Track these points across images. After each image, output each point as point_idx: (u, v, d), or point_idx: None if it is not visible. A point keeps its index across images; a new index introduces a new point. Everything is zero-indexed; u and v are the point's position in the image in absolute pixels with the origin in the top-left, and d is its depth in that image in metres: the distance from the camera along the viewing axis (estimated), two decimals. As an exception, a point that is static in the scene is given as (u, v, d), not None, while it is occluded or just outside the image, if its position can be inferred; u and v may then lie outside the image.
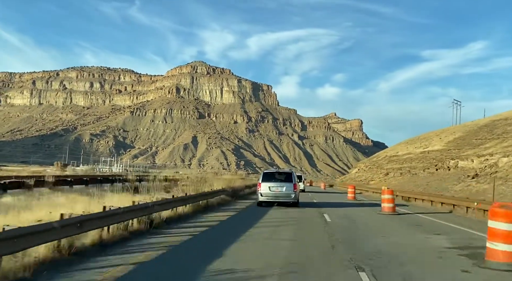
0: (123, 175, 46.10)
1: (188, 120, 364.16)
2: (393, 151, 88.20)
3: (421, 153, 76.77)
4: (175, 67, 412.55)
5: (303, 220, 15.79)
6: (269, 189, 21.02)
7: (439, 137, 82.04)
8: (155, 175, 34.71)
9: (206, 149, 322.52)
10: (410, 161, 74.71)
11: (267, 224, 14.31)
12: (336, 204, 27.34)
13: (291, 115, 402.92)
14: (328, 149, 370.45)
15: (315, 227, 13.72)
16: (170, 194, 17.54)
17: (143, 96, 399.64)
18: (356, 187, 41.44)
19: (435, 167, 68.79)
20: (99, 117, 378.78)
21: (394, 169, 75.10)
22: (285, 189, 20.95)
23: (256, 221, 15.16)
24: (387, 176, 73.67)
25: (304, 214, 18.25)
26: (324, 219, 16.41)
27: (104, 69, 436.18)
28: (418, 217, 19.72)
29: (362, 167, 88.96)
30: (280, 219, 16.26)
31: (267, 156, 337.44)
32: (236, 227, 13.50)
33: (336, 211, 20.40)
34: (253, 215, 17.97)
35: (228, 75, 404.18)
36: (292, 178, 21.59)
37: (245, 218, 17.16)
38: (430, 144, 79.26)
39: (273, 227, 13.19)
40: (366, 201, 34.03)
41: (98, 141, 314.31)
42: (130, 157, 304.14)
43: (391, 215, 19.78)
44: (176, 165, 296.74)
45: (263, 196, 21.29)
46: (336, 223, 15.12)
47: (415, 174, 70.30)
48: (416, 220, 18.12)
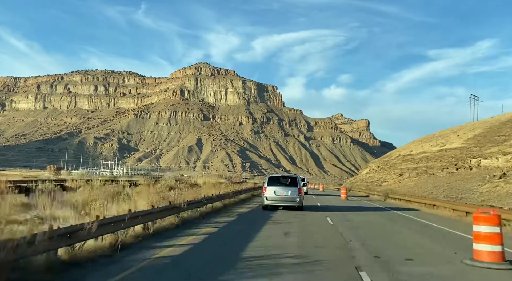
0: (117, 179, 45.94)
1: (193, 122, 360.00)
2: (407, 150, 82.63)
3: (438, 151, 71.15)
4: (179, 69, 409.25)
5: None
6: (275, 193, 21.18)
7: (456, 134, 76.34)
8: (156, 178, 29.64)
9: (211, 151, 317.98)
10: (426, 161, 69.11)
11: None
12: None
13: (297, 116, 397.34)
14: (335, 150, 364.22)
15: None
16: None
17: (147, 98, 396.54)
18: (368, 190, 38.86)
19: (455, 166, 63.17)
20: (104, 120, 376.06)
21: (409, 169, 69.54)
22: (290, 193, 21.09)
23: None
24: (401, 177, 68.14)
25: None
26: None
27: (108, 72, 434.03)
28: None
29: (373, 168, 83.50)
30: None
31: (273, 157, 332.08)
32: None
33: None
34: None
35: (232, 76, 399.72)
36: (297, 183, 21.67)
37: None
38: (448, 142, 73.60)
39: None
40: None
41: (102, 144, 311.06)
42: (134, 160, 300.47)
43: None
44: (180, 168, 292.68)
45: (268, 200, 21.44)
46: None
47: (432, 174, 64.71)
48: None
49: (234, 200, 27.76)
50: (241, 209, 23.35)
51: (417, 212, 25.04)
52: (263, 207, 22.03)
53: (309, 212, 21.73)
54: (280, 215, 19.66)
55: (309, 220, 17.77)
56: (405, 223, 18.22)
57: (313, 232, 13.88)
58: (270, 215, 19.26)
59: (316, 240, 11.71)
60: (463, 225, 17.42)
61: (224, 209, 22.22)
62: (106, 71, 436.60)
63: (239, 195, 29.91)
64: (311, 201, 31.79)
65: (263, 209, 21.88)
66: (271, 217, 18.57)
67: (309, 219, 18.16)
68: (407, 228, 16.49)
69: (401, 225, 17.57)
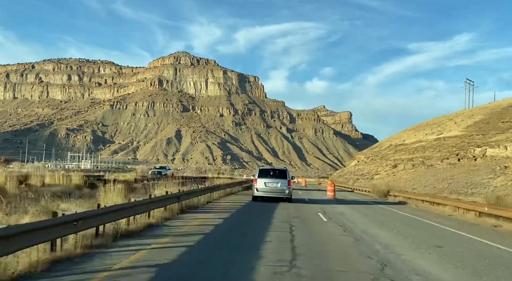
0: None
1: (172, 113, 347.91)
2: (398, 139, 75.27)
3: (435, 140, 63.81)
4: (157, 58, 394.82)
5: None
6: (265, 185, 21.79)
7: (453, 121, 69.18)
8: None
9: (190, 143, 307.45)
10: (422, 150, 61.65)
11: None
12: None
13: (279, 108, 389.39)
14: (317, 142, 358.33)
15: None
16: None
17: (124, 89, 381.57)
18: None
19: (457, 156, 55.71)
20: (78, 111, 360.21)
21: (404, 160, 62.00)
22: (280, 185, 21.77)
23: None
24: (395, 169, 60.52)
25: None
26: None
27: (83, 61, 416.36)
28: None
29: (362, 159, 75.88)
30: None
31: (254, 150, 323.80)
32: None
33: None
34: None
35: (213, 66, 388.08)
36: (287, 175, 22.24)
37: None
38: (445, 130, 66.34)
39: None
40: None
41: (75, 136, 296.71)
42: (109, 152, 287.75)
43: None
44: (158, 161, 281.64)
45: (258, 191, 21.98)
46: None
47: (430, 166, 57.18)
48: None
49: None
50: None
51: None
52: (253, 198, 22.40)
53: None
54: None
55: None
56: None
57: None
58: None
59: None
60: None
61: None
62: (81, 60, 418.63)
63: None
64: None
65: (252, 200, 22.18)
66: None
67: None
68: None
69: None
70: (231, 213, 16.97)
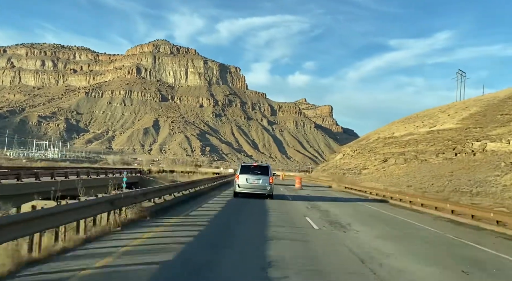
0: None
1: (150, 102, 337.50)
2: (387, 131, 70.58)
3: (428, 133, 59.20)
4: (136, 46, 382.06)
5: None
6: (246, 181, 21.48)
7: (446, 113, 64.77)
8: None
9: (168, 134, 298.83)
10: (415, 144, 56.90)
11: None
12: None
13: (261, 100, 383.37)
14: (298, 135, 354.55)
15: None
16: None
17: (100, 76, 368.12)
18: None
19: (453, 151, 51.11)
20: (51, 98, 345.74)
21: (394, 154, 57.17)
22: (262, 182, 21.46)
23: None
24: (386, 164, 55.63)
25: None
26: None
27: (58, 47, 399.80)
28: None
29: (348, 152, 70.91)
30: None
31: (234, 142, 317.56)
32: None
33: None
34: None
35: (193, 56, 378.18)
36: (269, 172, 21.91)
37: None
38: (438, 122, 61.83)
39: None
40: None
41: (47, 124, 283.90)
42: (83, 142, 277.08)
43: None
44: (135, 151, 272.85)
45: (240, 187, 21.64)
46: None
47: (424, 161, 52.45)
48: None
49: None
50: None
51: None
52: (234, 194, 21.96)
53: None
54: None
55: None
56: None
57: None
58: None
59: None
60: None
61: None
62: (55, 45, 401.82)
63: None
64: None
65: (234, 196, 21.74)
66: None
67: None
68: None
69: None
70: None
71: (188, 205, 16.53)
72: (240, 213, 15.51)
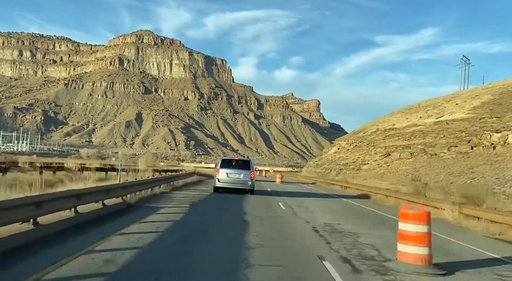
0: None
1: (132, 95, 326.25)
2: (386, 123, 63.85)
3: (436, 124, 52.47)
4: (118, 36, 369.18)
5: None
6: (227, 176, 20.96)
7: (453, 103, 58.20)
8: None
9: (152, 127, 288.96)
10: (421, 136, 50.09)
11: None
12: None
13: (247, 93, 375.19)
14: (286, 130, 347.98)
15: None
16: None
17: (81, 67, 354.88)
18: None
19: (468, 144, 44.39)
20: (29, 89, 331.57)
21: (398, 147, 50.30)
22: (243, 176, 21.00)
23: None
24: (389, 158, 48.70)
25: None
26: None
27: (36, 36, 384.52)
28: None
29: (343, 146, 64.00)
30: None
31: (220, 136, 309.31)
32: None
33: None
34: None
35: (178, 47, 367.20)
36: (250, 166, 21.51)
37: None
38: (445, 112, 55.16)
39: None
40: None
41: (23, 116, 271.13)
42: (61, 135, 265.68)
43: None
44: (116, 145, 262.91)
45: (220, 182, 21.09)
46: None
47: (434, 155, 45.62)
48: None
49: None
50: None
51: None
52: (214, 189, 21.47)
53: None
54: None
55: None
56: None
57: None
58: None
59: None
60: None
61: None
62: (34, 34, 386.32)
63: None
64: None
65: (214, 191, 21.37)
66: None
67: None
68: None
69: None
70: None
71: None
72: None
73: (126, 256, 6.51)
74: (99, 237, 7.86)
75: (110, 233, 8.32)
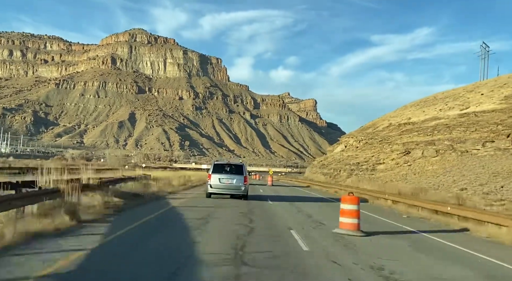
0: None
1: (126, 95, 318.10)
2: (400, 117, 56.86)
3: (461, 116, 45.36)
4: (111, 35, 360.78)
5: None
6: (219, 181, 20.16)
7: (477, 93, 51.18)
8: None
9: (145, 127, 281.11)
10: (446, 130, 42.94)
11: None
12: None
13: (243, 92, 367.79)
14: (283, 129, 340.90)
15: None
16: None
17: (73, 67, 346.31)
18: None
19: (508, 138, 37.38)
20: (20, 90, 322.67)
21: (419, 143, 43.13)
22: (236, 182, 20.23)
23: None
24: (409, 157, 41.51)
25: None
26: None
27: (27, 36, 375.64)
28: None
29: (351, 143, 56.99)
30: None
31: (215, 136, 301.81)
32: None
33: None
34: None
35: (172, 46, 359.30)
36: (243, 171, 20.74)
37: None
38: (471, 103, 48.07)
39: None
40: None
41: (12, 117, 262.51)
42: (52, 136, 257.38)
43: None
44: (108, 146, 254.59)
45: (212, 188, 20.23)
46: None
47: (465, 152, 38.48)
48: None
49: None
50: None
51: None
52: (207, 195, 20.58)
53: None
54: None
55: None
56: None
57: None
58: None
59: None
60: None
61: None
62: (25, 34, 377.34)
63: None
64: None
65: (206, 197, 20.47)
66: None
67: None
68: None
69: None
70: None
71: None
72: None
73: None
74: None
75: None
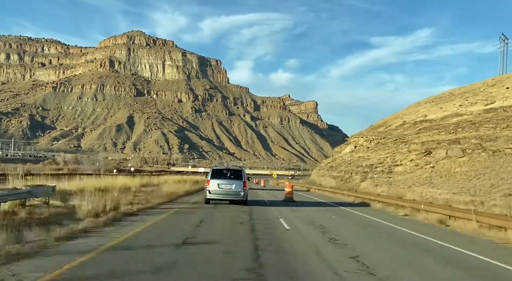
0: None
1: (124, 97, 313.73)
2: (414, 114, 52.26)
3: (487, 112, 40.61)
4: (109, 37, 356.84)
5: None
6: (218, 187, 19.50)
7: (501, 86, 46.48)
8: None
9: (144, 130, 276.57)
10: (472, 128, 38.19)
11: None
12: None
13: (243, 94, 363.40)
14: (283, 131, 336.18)
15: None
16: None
17: (71, 70, 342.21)
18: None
19: (547, 135, 32.53)
20: (17, 93, 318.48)
21: (441, 142, 38.37)
22: (235, 187, 19.55)
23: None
24: (431, 157, 36.71)
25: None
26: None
27: (24, 39, 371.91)
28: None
29: (361, 143, 52.39)
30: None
31: (215, 138, 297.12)
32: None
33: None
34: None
35: (171, 48, 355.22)
36: (242, 176, 20.11)
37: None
38: (495, 98, 43.35)
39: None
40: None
41: (8, 121, 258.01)
42: (49, 139, 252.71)
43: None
44: (106, 149, 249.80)
45: (211, 194, 19.56)
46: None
47: (498, 152, 33.71)
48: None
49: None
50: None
51: None
52: (206, 201, 19.69)
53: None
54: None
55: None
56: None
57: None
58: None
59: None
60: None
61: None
62: (22, 37, 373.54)
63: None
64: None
65: (205, 203, 19.63)
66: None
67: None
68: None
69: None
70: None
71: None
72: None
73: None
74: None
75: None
